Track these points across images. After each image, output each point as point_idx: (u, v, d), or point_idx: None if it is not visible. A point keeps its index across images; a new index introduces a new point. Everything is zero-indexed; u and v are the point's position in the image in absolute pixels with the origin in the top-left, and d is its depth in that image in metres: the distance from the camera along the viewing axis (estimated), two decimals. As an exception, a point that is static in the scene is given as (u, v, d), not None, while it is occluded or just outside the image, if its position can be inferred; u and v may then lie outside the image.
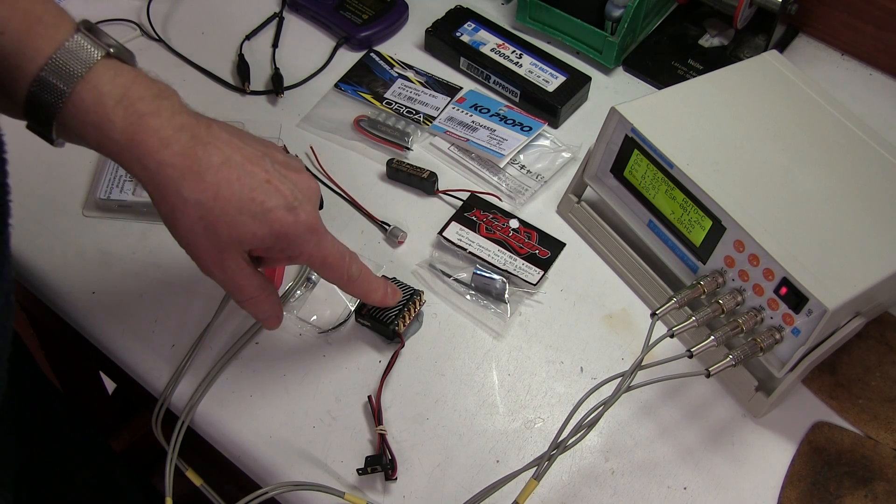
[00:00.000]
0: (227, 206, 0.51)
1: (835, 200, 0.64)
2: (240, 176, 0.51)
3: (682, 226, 0.67)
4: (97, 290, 0.72)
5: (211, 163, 0.50)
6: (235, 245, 0.53)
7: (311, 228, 0.55)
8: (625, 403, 0.66)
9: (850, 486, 0.63)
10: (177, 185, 0.50)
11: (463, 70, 0.89)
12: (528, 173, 0.81)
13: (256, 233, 0.52)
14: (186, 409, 0.66)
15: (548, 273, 0.74)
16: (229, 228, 0.51)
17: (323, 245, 0.56)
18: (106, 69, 0.48)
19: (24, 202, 0.77)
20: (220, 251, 0.53)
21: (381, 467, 0.61)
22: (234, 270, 0.54)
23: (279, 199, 0.52)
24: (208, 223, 0.51)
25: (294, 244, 0.54)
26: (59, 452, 0.82)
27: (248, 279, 0.55)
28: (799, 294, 0.58)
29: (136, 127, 0.48)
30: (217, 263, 0.54)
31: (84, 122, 0.48)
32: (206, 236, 0.52)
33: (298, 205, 0.53)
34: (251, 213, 0.51)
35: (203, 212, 0.50)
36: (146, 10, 0.93)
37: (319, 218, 0.56)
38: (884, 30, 0.88)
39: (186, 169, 0.49)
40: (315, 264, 0.58)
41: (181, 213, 0.51)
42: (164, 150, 0.49)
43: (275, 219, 0.52)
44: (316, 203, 0.56)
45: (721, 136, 0.67)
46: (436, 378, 0.68)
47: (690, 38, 0.92)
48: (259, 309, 0.58)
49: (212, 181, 0.50)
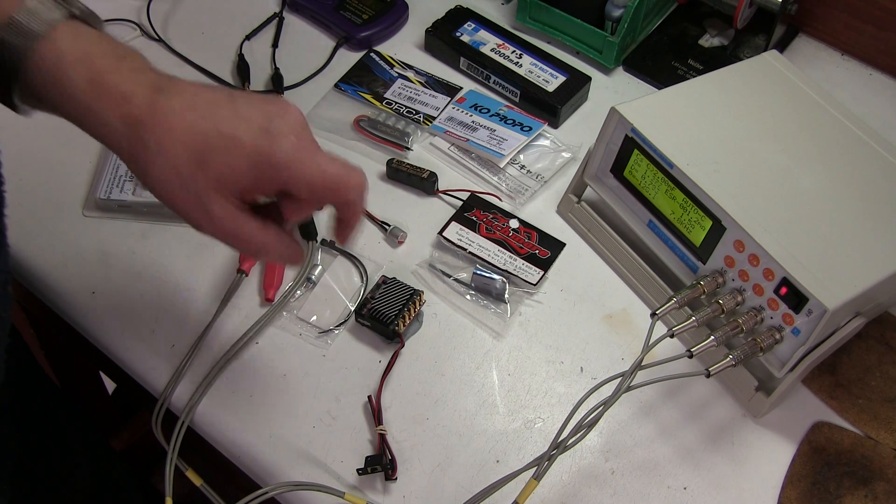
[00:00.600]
0: (195, 147, 0.48)
1: (835, 200, 0.64)
2: (204, 115, 0.48)
3: (682, 226, 0.67)
4: (97, 290, 0.72)
5: (173, 109, 0.48)
6: (215, 188, 0.49)
7: (297, 147, 0.49)
8: (625, 403, 0.66)
9: (850, 486, 0.63)
10: (140, 138, 0.47)
11: (463, 70, 0.89)
12: (528, 173, 0.81)
13: (233, 168, 0.48)
14: (186, 409, 0.66)
15: (548, 273, 0.74)
16: (202, 171, 0.48)
17: (318, 161, 0.50)
18: (68, 29, 0.48)
19: (24, 202, 0.77)
20: (202, 198, 0.49)
21: (381, 467, 0.61)
22: (225, 217, 0.50)
23: (250, 126, 0.48)
24: (179, 171, 0.48)
25: (282, 169, 0.49)
26: (59, 452, 0.82)
27: (246, 224, 0.51)
28: (799, 294, 0.58)
29: (97, 85, 0.47)
30: (203, 213, 0.49)
31: (45, 82, 0.47)
32: (181, 187, 0.48)
33: (278, 127, 0.49)
34: (222, 148, 0.48)
35: (171, 159, 0.48)
36: (146, 10, 0.93)
37: (309, 140, 0.51)
38: (884, 30, 0.88)
39: (147, 120, 0.47)
40: (314, 187, 0.50)
41: (151, 167, 0.48)
42: (126, 105, 0.47)
43: (249, 146, 0.48)
44: (301, 129, 0.50)
45: (721, 136, 0.67)
46: (436, 378, 0.68)
47: (690, 38, 0.92)
48: (273, 254, 0.53)
49: (174, 126, 0.47)
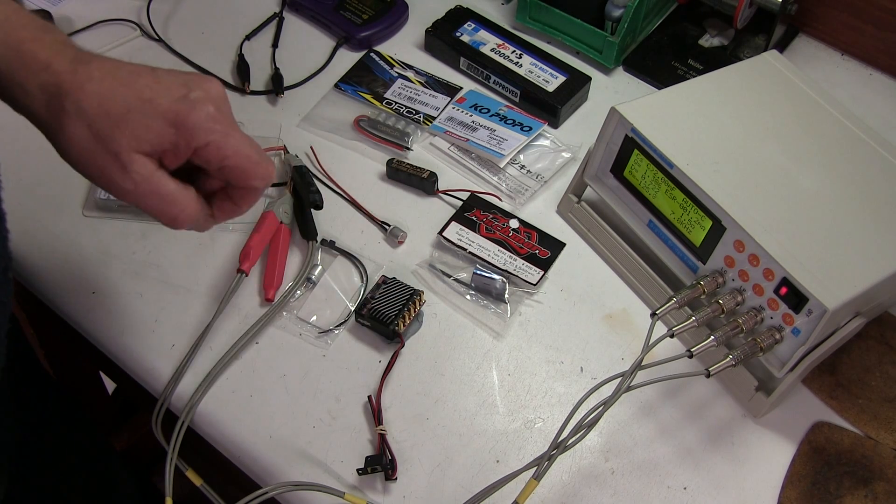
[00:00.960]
0: (113, 108, 0.48)
1: (835, 200, 0.64)
2: (125, 82, 0.48)
3: (682, 226, 0.67)
4: (97, 290, 0.72)
5: (92, 76, 0.48)
6: (133, 146, 0.49)
7: (213, 117, 0.49)
8: (625, 403, 0.66)
9: (850, 485, 0.63)
10: (59, 102, 0.47)
11: (463, 70, 0.89)
12: (528, 173, 0.81)
13: (150, 127, 0.48)
14: (186, 409, 0.66)
15: (548, 273, 0.74)
16: (119, 129, 0.48)
17: (233, 136, 0.50)
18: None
19: (24, 202, 0.77)
20: (118, 156, 0.48)
21: (381, 467, 0.61)
22: (143, 175, 0.49)
23: (169, 93, 0.49)
24: (97, 131, 0.48)
25: (196, 134, 0.49)
26: (57, 449, 0.82)
27: (164, 183, 0.50)
28: (799, 294, 0.58)
29: (16, 51, 0.47)
30: (122, 172, 0.49)
31: None
32: (98, 144, 0.48)
33: (196, 96, 0.49)
34: (141, 111, 0.48)
35: (89, 121, 0.48)
36: (146, 10, 0.93)
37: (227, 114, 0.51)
38: (884, 30, 0.88)
39: (67, 85, 0.47)
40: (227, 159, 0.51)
41: (66, 128, 0.48)
42: (45, 72, 0.47)
43: (168, 108, 0.49)
44: (221, 101, 0.51)
45: (721, 136, 0.67)
46: (436, 378, 0.68)
47: (690, 38, 0.92)
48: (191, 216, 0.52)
49: (93, 91, 0.48)
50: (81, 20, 0.91)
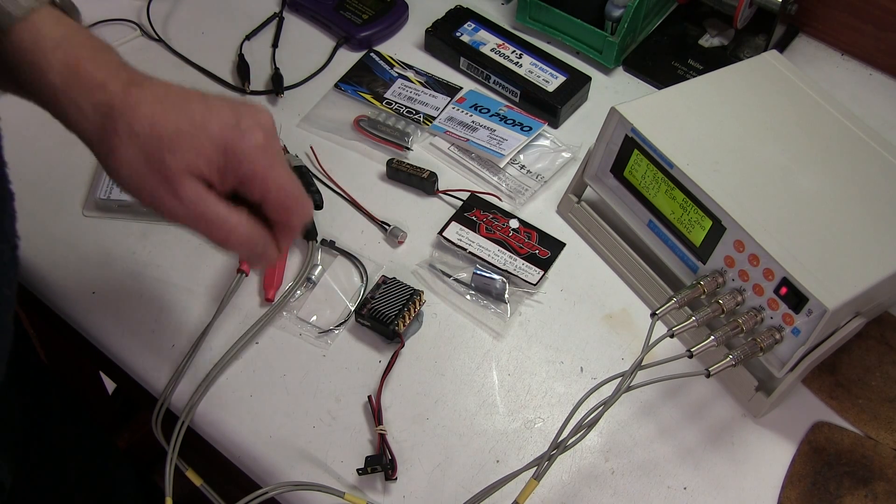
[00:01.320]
0: (165, 131, 0.48)
1: (835, 200, 0.64)
2: (176, 105, 0.49)
3: (682, 226, 0.67)
4: (97, 290, 0.72)
5: (145, 99, 0.48)
6: (183, 170, 0.49)
7: (262, 147, 0.50)
8: (625, 403, 0.66)
9: (850, 485, 0.63)
10: (111, 123, 0.48)
11: (463, 70, 0.89)
12: (528, 173, 0.81)
13: (201, 151, 0.49)
14: (186, 409, 0.66)
15: (548, 273, 0.74)
16: (171, 153, 0.48)
17: (279, 170, 0.51)
18: (48, 15, 0.48)
19: (24, 202, 0.77)
20: (169, 180, 0.49)
21: (381, 467, 0.61)
22: (193, 198, 0.50)
23: (220, 120, 0.49)
24: (147, 154, 0.48)
25: (245, 161, 0.50)
26: (61, 448, 0.82)
27: (214, 206, 0.50)
28: (799, 294, 0.58)
29: (72, 70, 0.48)
30: (172, 194, 0.49)
31: (21, 62, 0.48)
32: (149, 168, 0.49)
33: (247, 124, 0.50)
34: (191, 134, 0.49)
35: (140, 143, 0.48)
36: (146, 10, 0.93)
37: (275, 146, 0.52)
38: (884, 30, 0.88)
39: (120, 106, 0.48)
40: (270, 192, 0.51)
41: (118, 149, 0.49)
42: (100, 91, 0.48)
43: (218, 133, 0.49)
44: (270, 132, 0.52)
45: (721, 136, 0.67)
46: (436, 378, 0.68)
47: (690, 38, 0.92)
48: (244, 242, 0.52)
49: (146, 113, 0.48)
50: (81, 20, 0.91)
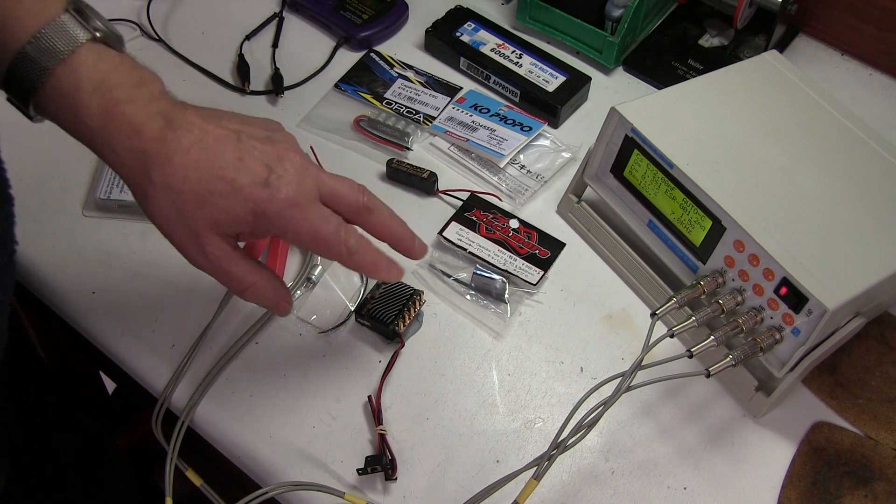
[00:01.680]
0: (197, 187, 0.49)
1: (835, 200, 0.64)
2: (209, 156, 0.50)
3: (682, 226, 0.67)
4: (97, 290, 0.72)
5: (180, 146, 0.49)
6: (212, 227, 0.51)
7: (292, 203, 0.51)
8: (625, 403, 0.66)
9: (850, 486, 0.63)
10: (147, 171, 0.49)
11: (463, 70, 0.89)
12: (528, 173, 0.81)
13: (231, 212, 0.50)
14: (186, 409, 0.66)
15: (548, 273, 0.74)
16: (202, 211, 0.50)
17: (311, 220, 0.52)
18: (89, 53, 0.48)
19: (24, 202, 0.77)
20: (198, 236, 0.51)
21: (381, 467, 0.61)
22: (218, 256, 0.52)
23: (251, 175, 0.50)
24: (180, 208, 0.50)
25: (275, 222, 0.51)
26: (59, 447, 0.81)
27: (237, 265, 0.53)
28: (799, 294, 0.58)
29: (110, 114, 0.48)
30: (198, 249, 0.52)
31: (60, 105, 0.48)
32: (180, 221, 0.50)
33: (276, 179, 0.51)
34: (221, 192, 0.50)
35: (173, 196, 0.49)
36: (146, 10, 0.93)
37: (309, 190, 0.53)
38: (884, 30, 0.88)
39: (155, 154, 0.49)
40: (306, 242, 0.53)
41: (153, 199, 0.50)
42: (135, 137, 0.49)
43: (248, 196, 0.50)
44: (301, 176, 0.52)
45: (721, 136, 0.67)
46: (436, 378, 0.68)
47: (690, 38, 0.92)
48: (260, 296, 0.55)
49: (179, 164, 0.49)
50: (81, 20, 0.91)
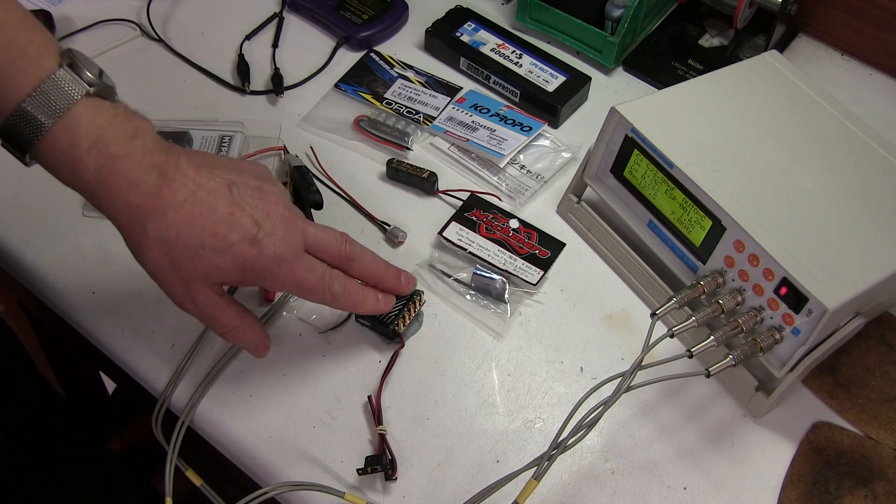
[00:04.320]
0: (190, 241, 0.52)
1: (835, 200, 0.64)
2: (202, 211, 0.52)
3: (682, 226, 0.67)
4: (97, 290, 0.72)
5: (174, 201, 0.51)
6: (202, 279, 0.54)
7: (278, 259, 0.55)
8: (625, 403, 0.66)
9: (850, 486, 0.63)
10: (142, 224, 0.51)
11: (463, 70, 0.89)
12: (528, 173, 0.81)
13: (221, 266, 0.53)
14: (186, 409, 0.66)
15: (548, 273, 0.74)
16: (193, 263, 0.53)
17: (296, 272, 0.56)
18: (85, 109, 0.49)
19: (24, 202, 0.77)
20: (188, 285, 0.54)
21: (381, 467, 0.61)
22: (206, 304, 0.55)
23: (241, 232, 0.53)
24: (172, 259, 0.52)
25: (263, 276, 0.55)
26: (55, 455, 0.81)
27: (222, 312, 0.57)
28: (799, 294, 0.58)
29: (107, 169, 0.49)
30: (187, 297, 0.55)
31: (57, 161, 0.49)
32: (172, 271, 0.53)
33: (265, 236, 0.54)
34: (213, 248, 0.53)
35: (167, 248, 0.52)
36: (146, 10, 0.93)
37: (295, 244, 0.56)
38: (884, 30, 0.88)
39: (150, 208, 0.51)
40: (292, 291, 0.58)
41: (147, 250, 0.52)
42: (132, 191, 0.50)
43: (238, 252, 0.53)
44: (287, 231, 0.56)
45: (721, 136, 0.67)
46: (436, 378, 0.68)
47: (690, 38, 0.93)
48: (241, 339, 0.60)
49: (174, 219, 0.51)
50: (81, 20, 0.91)
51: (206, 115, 0.82)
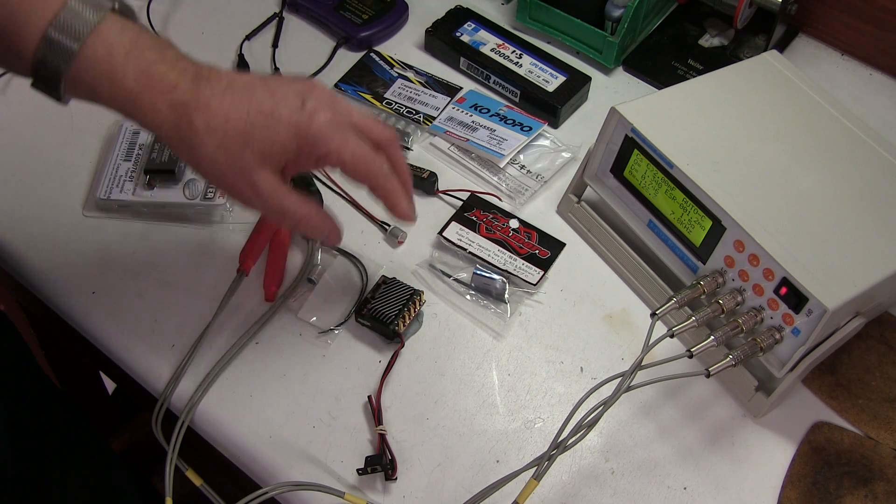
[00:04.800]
0: (238, 124, 0.52)
1: (835, 200, 0.64)
2: (243, 96, 0.52)
3: (682, 226, 0.67)
4: (97, 290, 0.72)
5: (214, 93, 0.52)
6: (260, 161, 0.53)
7: (331, 123, 0.54)
8: (625, 403, 0.66)
9: (850, 486, 0.63)
10: (189, 120, 0.51)
11: (463, 70, 0.89)
12: (528, 173, 0.81)
13: (275, 140, 0.53)
14: (186, 409, 0.66)
15: (548, 273, 0.74)
16: (248, 146, 0.52)
17: (349, 142, 0.55)
18: (113, 23, 0.50)
19: (24, 202, 0.77)
20: (248, 174, 0.53)
21: (381, 467, 0.61)
22: (270, 191, 0.54)
23: (287, 105, 0.53)
24: (226, 147, 0.52)
25: (318, 142, 0.54)
26: (56, 454, 0.81)
27: (288, 198, 0.55)
28: (799, 294, 0.58)
29: (146, 75, 0.51)
30: (250, 187, 0.54)
31: (97, 74, 0.50)
32: (228, 161, 0.52)
33: (312, 104, 0.54)
34: (263, 125, 0.52)
35: (218, 138, 0.52)
36: (146, 10, 0.92)
37: (344, 114, 0.56)
38: (884, 30, 0.88)
39: (194, 103, 0.51)
40: (347, 162, 0.56)
41: (199, 146, 0.52)
42: (174, 92, 0.51)
43: (288, 121, 0.53)
44: (333, 102, 0.55)
45: (721, 136, 0.67)
46: (436, 378, 0.68)
47: (690, 38, 0.92)
48: (313, 227, 0.58)
49: (218, 107, 0.52)
50: (81, 20, 0.91)
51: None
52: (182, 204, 0.76)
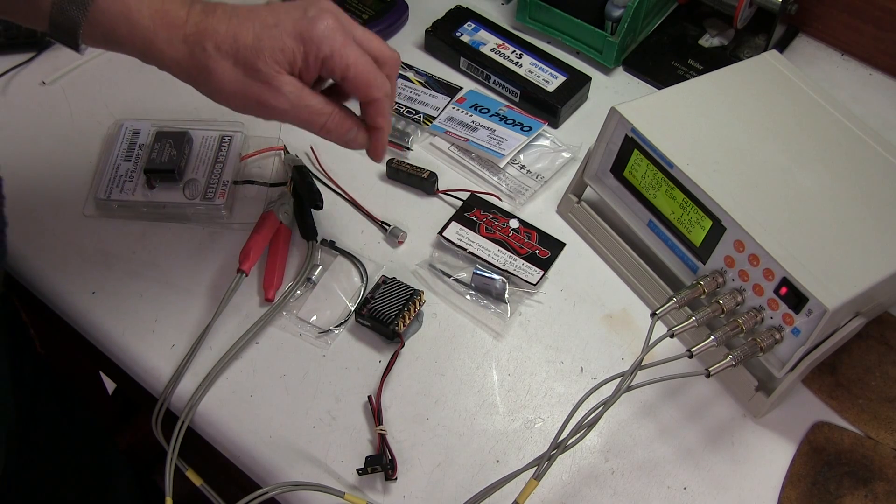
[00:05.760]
0: (247, 40, 0.55)
1: (835, 200, 0.64)
2: (248, 17, 0.56)
3: (682, 226, 0.67)
4: (97, 290, 0.72)
5: (220, 20, 0.56)
6: (276, 68, 0.56)
7: (333, 27, 0.56)
8: (625, 403, 0.66)
9: (850, 485, 0.63)
10: (202, 47, 0.55)
11: (463, 70, 0.89)
12: (528, 173, 0.81)
13: (283, 47, 0.55)
14: (186, 409, 0.66)
15: (548, 273, 0.74)
16: (260, 56, 0.55)
17: (353, 48, 0.57)
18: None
19: (24, 202, 0.77)
20: (268, 82, 0.56)
21: (381, 467, 0.61)
22: (295, 91, 0.57)
23: (290, 15, 0.56)
24: (242, 63, 0.55)
25: (322, 43, 0.56)
26: (55, 446, 0.81)
27: (313, 96, 0.58)
28: (799, 294, 0.58)
29: (161, 13, 0.55)
30: (275, 94, 0.56)
31: (113, 15, 0.54)
32: (246, 77, 0.56)
33: (315, 12, 0.56)
34: (269, 35, 0.55)
35: (232, 57, 0.55)
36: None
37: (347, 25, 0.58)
38: (884, 30, 0.88)
39: (205, 31, 0.55)
40: (349, 70, 0.58)
41: (216, 70, 0.55)
42: (185, 26, 0.55)
43: (293, 27, 0.56)
44: (336, 12, 0.57)
45: (721, 136, 0.67)
46: (436, 378, 0.68)
47: (690, 38, 0.93)
48: (340, 125, 0.60)
49: (226, 30, 0.55)
50: (81, 20, 0.91)
51: (206, 115, 0.82)
52: (182, 204, 0.76)
